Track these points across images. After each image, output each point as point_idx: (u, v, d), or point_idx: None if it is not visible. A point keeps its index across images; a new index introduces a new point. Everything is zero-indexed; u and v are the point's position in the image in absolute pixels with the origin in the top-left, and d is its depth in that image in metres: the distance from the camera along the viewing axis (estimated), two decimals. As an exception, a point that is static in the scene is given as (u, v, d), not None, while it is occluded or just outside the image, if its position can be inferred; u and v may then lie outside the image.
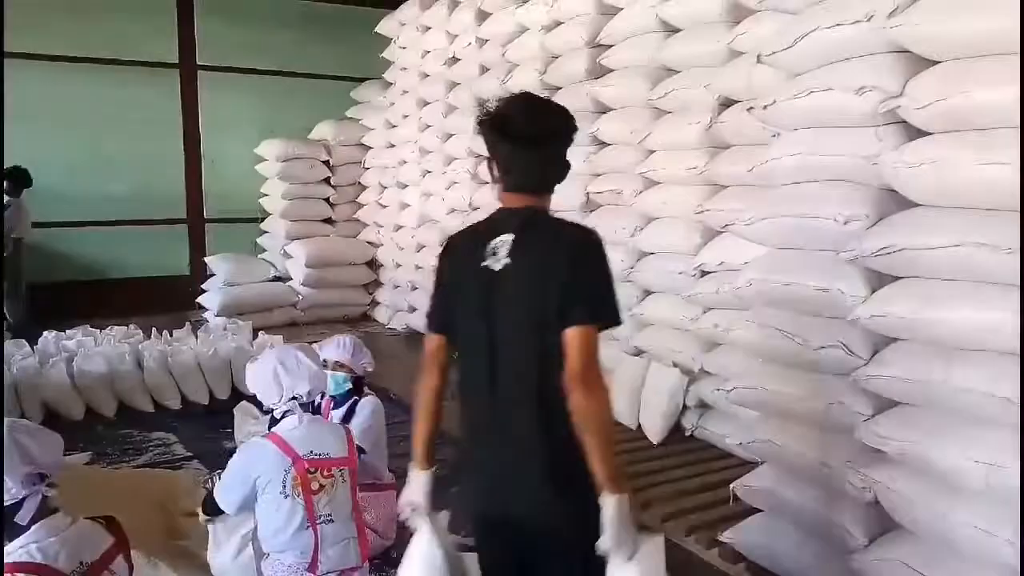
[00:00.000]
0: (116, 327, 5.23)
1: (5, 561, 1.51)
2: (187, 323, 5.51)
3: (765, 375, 2.62)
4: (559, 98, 4.68)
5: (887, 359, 2.23)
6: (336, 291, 7.25)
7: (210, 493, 2.34)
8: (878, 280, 2.31)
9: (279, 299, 6.96)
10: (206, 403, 4.73)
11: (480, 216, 1.87)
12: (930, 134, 2.21)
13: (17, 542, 1.53)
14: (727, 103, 3.59)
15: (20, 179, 5.75)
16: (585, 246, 1.68)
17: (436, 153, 6.19)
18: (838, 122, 2.44)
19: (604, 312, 1.64)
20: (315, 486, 2.20)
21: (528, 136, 1.65)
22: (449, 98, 5.92)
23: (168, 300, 7.08)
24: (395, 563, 2.84)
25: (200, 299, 6.93)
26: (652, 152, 3.95)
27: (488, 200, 5.36)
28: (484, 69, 5.55)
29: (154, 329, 5.17)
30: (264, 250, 7.59)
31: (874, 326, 2.25)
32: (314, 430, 2.29)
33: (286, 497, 2.17)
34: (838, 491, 2.41)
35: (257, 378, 2.31)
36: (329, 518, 2.21)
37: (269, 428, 2.32)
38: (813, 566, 2.46)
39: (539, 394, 1.63)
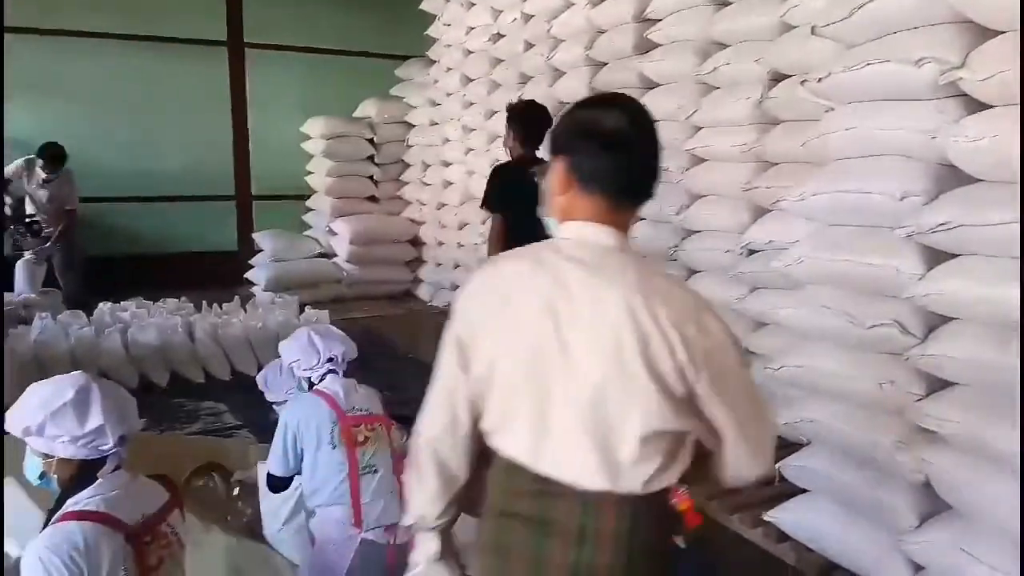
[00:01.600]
0: (168, 299, 5.38)
1: (75, 509, 1.58)
2: (236, 297, 5.63)
3: (814, 354, 2.58)
4: (604, 74, 4.64)
5: (943, 338, 2.18)
6: (380, 268, 7.32)
7: (269, 476, 2.41)
8: (934, 257, 2.26)
9: (324, 275, 7.06)
10: (254, 374, 4.83)
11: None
12: (992, 107, 2.13)
13: (84, 493, 1.61)
14: (778, 78, 3.50)
15: (54, 156, 5.90)
16: None
17: (479, 131, 6.17)
18: (895, 95, 2.37)
19: None
20: (360, 438, 2.31)
21: None
22: (493, 75, 5.89)
23: (217, 274, 7.23)
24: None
25: (248, 274, 7.07)
26: (699, 128, 3.89)
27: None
28: (529, 45, 5.51)
29: (204, 302, 5.30)
30: (309, 227, 7.70)
31: (930, 304, 2.20)
32: (353, 390, 2.42)
33: (334, 448, 2.26)
34: (887, 472, 2.37)
35: (294, 347, 2.46)
36: (374, 468, 2.30)
37: (309, 389, 2.41)
38: (859, 547, 2.44)
39: None
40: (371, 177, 7.64)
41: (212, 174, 7.83)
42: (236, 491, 2.87)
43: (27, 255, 5.80)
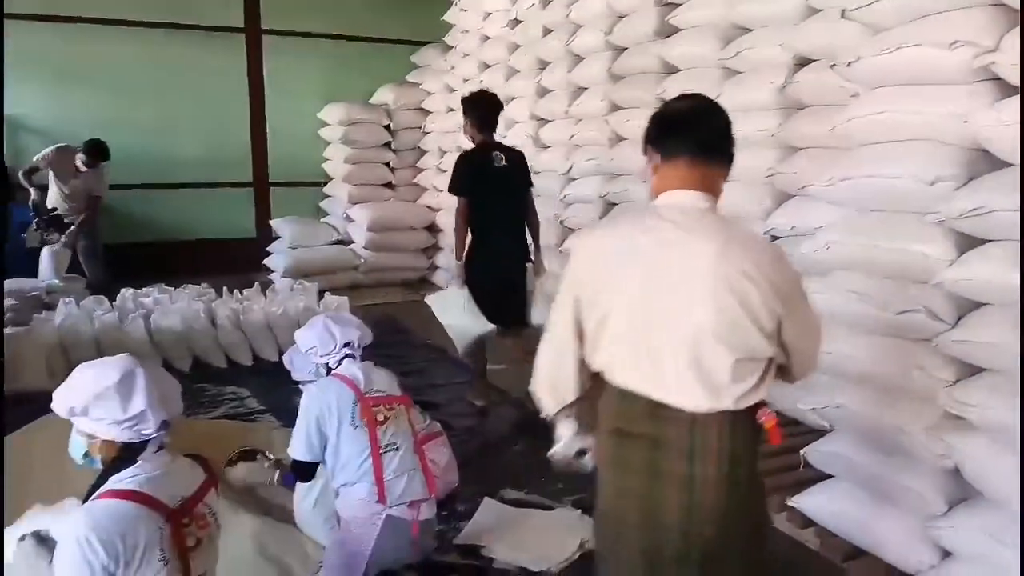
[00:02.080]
0: (190, 285, 5.42)
1: (115, 487, 1.60)
2: (256, 283, 5.66)
3: (841, 340, 2.57)
4: (624, 59, 4.62)
5: (973, 324, 2.17)
6: (396, 255, 7.35)
7: (295, 463, 2.42)
8: (964, 243, 2.25)
9: (342, 262, 7.08)
10: (276, 360, 4.88)
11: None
12: (1026, 91, 2.11)
13: (125, 472, 1.63)
14: (802, 62, 3.48)
15: (95, 151, 5.95)
16: None
17: (497, 117, 6.16)
18: (927, 79, 2.36)
19: None
20: (380, 417, 2.34)
21: None
22: (511, 61, 5.87)
23: (235, 261, 7.27)
24: (462, 516, 2.94)
25: (266, 261, 7.10)
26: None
27: (548, 164, 5.35)
28: (547, 31, 5.49)
29: (225, 288, 5.34)
30: (327, 214, 7.73)
31: (960, 290, 2.19)
32: (371, 372, 2.45)
33: (355, 427, 2.29)
34: (914, 457, 2.37)
35: (310, 334, 2.49)
36: (395, 447, 2.32)
37: (327, 374, 2.45)
38: (885, 532, 2.44)
39: None
40: (388, 164, 7.65)
41: (230, 161, 7.85)
42: (277, 474, 2.91)
43: (51, 243, 5.85)
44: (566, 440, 1.80)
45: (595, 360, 1.60)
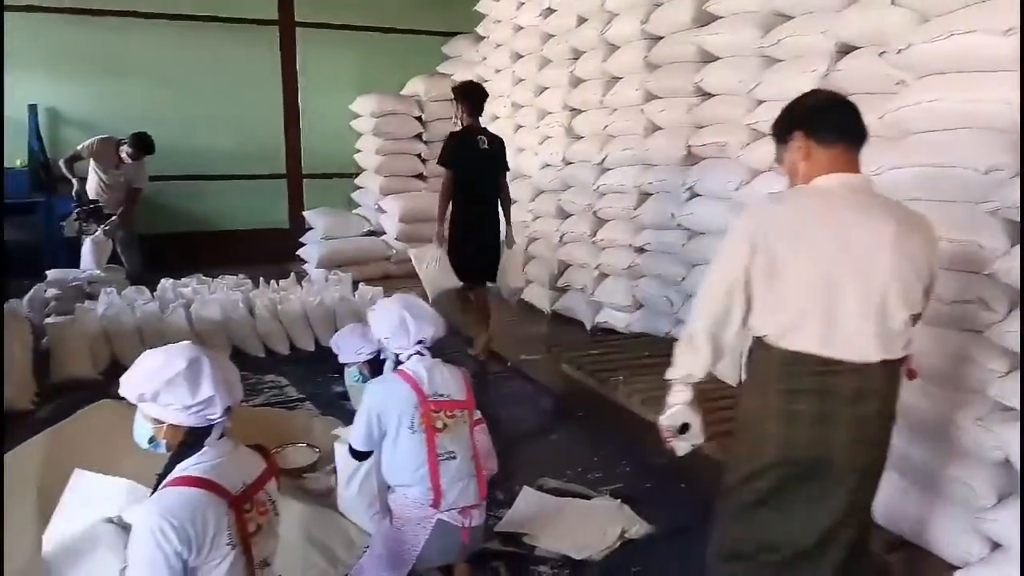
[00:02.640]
0: (227, 276, 5.49)
1: (183, 475, 1.64)
2: (292, 273, 5.73)
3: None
4: (661, 48, 4.59)
5: (1027, 314, 2.14)
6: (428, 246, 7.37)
7: (352, 450, 2.45)
8: (1018, 233, 2.21)
9: (374, 253, 7.13)
10: (312, 349, 4.95)
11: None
12: (1086, 76, 2.07)
13: (191, 460, 1.67)
14: (845, 50, 3.44)
15: (142, 144, 6.06)
16: None
17: (529, 107, 6.15)
18: (981, 66, 2.31)
19: None
20: (439, 425, 2.29)
21: None
22: (544, 51, 5.85)
23: (269, 252, 7.36)
24: (501, 504, 2.96)
25: (299, 252, 7.18)
26: (761, 102, 3.83)
27: (581, 154, 5.33)
28: (581, 20, 5.45)
29: (261, 278, 5.41)
30: (358, 205, 7.78)
31: (1013, 280, 2.16)
32: (438, 371, 2.38)
33: (413, 433, 2.27)
34: (964, 449, 2.34)
35: (385, 324, 2.42)
36: (452, 455, 2.30)
37: (394, 368, 2.42)
38: (933, 523, 2.42)
39: None
40: (419, 155, 7.67)
41: (264, 153, 7.94)
42: (317, 460, 2.98)
43: (97, 234, 5.95)
44: (676, 410, 1.96)
45: (762, 326, 1.80)
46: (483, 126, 4.77)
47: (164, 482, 1.65)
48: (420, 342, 2.40)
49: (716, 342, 1.85)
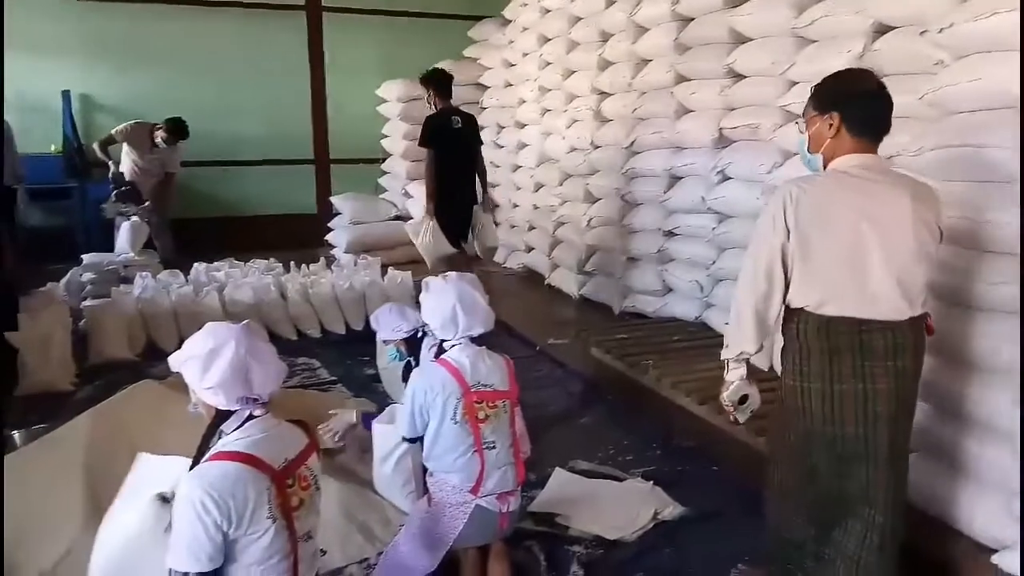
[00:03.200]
0: (258, 260, 5.57)
1: (225, 450, 1.67)
2: (322, 258, 5.79)
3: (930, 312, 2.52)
4: (692, 29, 4.55)
5: (1068, 297, 2.11)
6: (454, 230, 7.39)
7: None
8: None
9: (401, 238, 7.12)
10: (343, 332, 5.01)
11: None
12: None
13: (233, 436, 1.70)
14: (881, 30, 3.39)
15: (177, 129, 6.16)
16: None
17: (556, 91, 6.13)
18: (1025, 44, 2.27)
19: None
20: (481, 415, 2.30)
21: None
22: (572, 33, 5.81)
23: (296, 237, 7.43)
24: (534, 485, 2.99)
25: (328, 237, 7.23)
26: (794, 84, 3.79)
27: (610, 138, 5.31)
28: (610, 2, 5.40)
29: (292, 263, 5.47)
30: (385, 190, 7.82)
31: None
32: (481, 361, 2.37)
33: (455, 423, 2.28)
34: (1001, 432, 2.32)
35: (435, 313, 2.38)
36: (492, 445, 2.32)
37: (437, 356, 2.43)
38: (967, 506, 2.41)
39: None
40: (445, 139, 7.67)
41: (291, 138, 7.99)
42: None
43: (133, 217, 6.05)
44: (735, 385, 2.15)
45: (801, 298, 1.98)
46: (455, 106, 5.22)
47: (206, 456, 1.69)
48: (467, 335, 2.37)
49: (761, 319, 2.03)
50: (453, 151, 4.99)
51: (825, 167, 2.05)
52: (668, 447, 3.46)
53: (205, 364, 1.68)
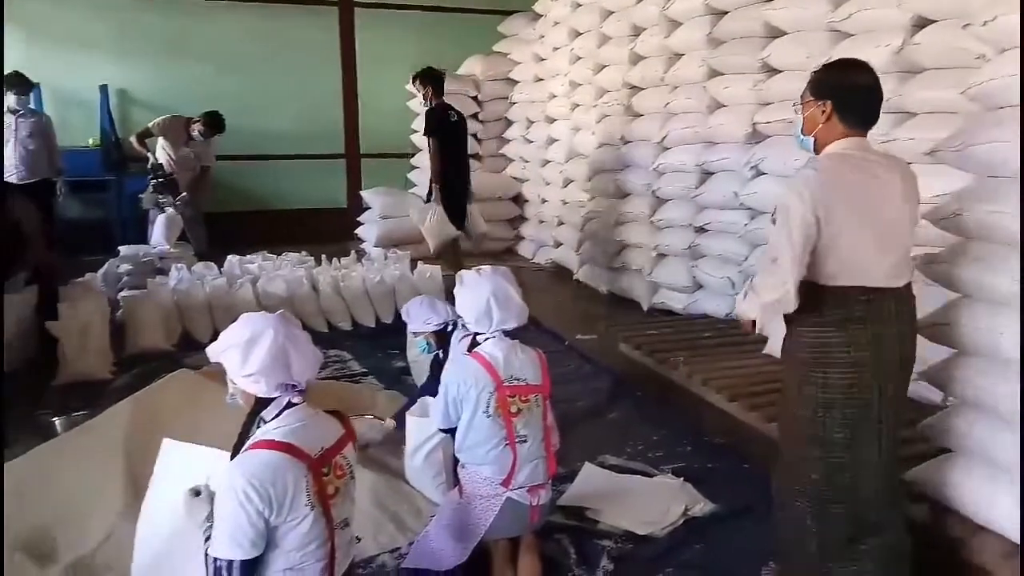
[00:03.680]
0: (290, 253, 5.63)
1: (263, 439, 1.70)
2: (352, 252, 5.85)
3: (965, 311, 2.48)
4: (726, 23, 4.51)
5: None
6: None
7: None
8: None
9: (430, 232, 7.18)
10: (373, 325, 5.05)
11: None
12: None
13: (271, 424, 1.73)
14: (921, 23, 3.34)
15: (214, 123, 6.25)
16: None
17: (587, 86, 6.11)
18: (1073, 37, 2.22)
19: None
20: (514, 409, 2.31)
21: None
22: (603, 28, 5.79)
23: (327, 231, 7.49)
24: (563, 479, 2.99)
25: (357, 231, 7.29)
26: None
27: (641, 132, 5.29)
28: (642, -4, 5.38)
29: (324, 256, 5.53)
30: (414, 185, 7.85)
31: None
32: (514, 355, 2.38)
33: (488, 416, 2.29)
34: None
35: (470, 306, 2.39)
36: (524, 439, 2.33)
37: (470, 349, 2.44)
38: (1008, 509, 2.36)
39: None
40: (475, 135, 7.69)
41: (323, 133, 8.05)
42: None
43: (169, 209, 6.15)
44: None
45: (823, 271, 2.07)
46: (446, 101, 5.67)
47: (246, 445, 1.72)
48: (501, 328, 2.38)
49: (798, 273, 2.07)
50: (453, 142, 5.52)
51: (816, 150, 2.17)
52: (698, 444, 3.44)
53: (245, 352, 1.71)
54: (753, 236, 4.27)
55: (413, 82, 5.72)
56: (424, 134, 5.55)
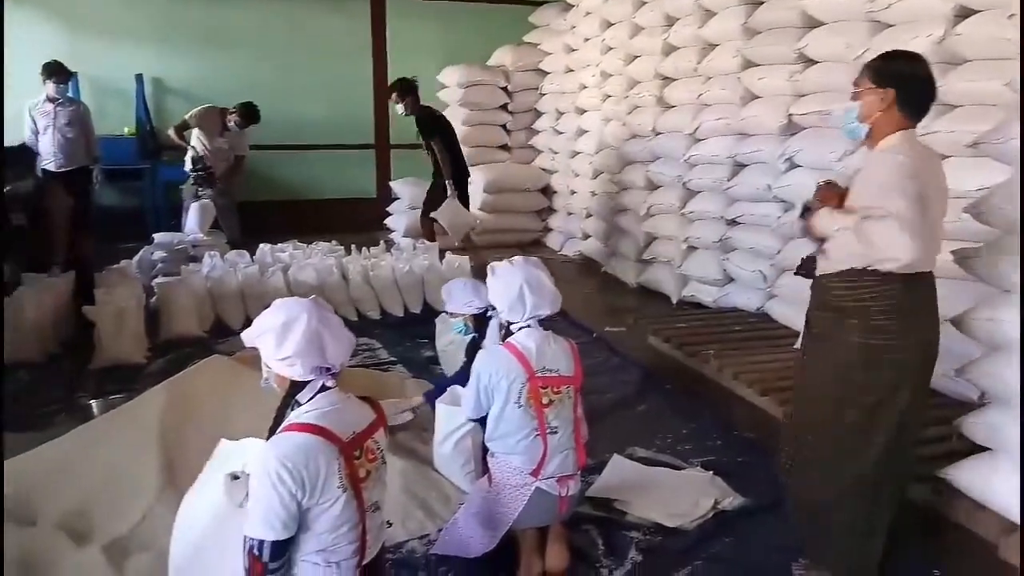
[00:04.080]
0: (320, 242, 5.67)
1: (297, 422, 1.72)
2: (382, 241, 5.88)
3: (1004, 306, 2.43)
4: (761, 13, 4.44)
5: None
6: (511, 216, 7.41)
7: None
8: None
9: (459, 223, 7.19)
10: (401, 315, 5.08)
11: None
12: None
13: (304, 408, 1.75)
14: (962, 13, 3.26)
15: (249, 114, 6.32)
16: None
17: (619, 76, 6.06)
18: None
19: None
20: (545, 400, 2.31)
21: None
22: (636, 18, 5.74)
23: (357, 220, 7.54)
24: (591, 470, 2.98)
25: (386, 221, 7.32)
26: (865, 70, 3.67)
27: (673, 124, 5.23)
28: (676, -14, 5.32)
29: (353, 245, 5.57)
30: (443, 175, 7.85)
31: None
32: (547, 346, 2.37)
33: (519, 406, 2.29)
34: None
35: (503, 294, 2.38)
36: (555, 430, 2.33)
37: (504, 339, 2.44)
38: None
39: None
40: (504, 126, 7.68)
41: (354, 123, 8.09)
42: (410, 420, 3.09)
43: (204, 198, 6.22)
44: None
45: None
46: (425, 105, 6.14)
47: (279, 428, 1.74)
48: (534, 316, 2.37)
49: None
50: (453, 137, 6.16)
51: (869, 139, 2.19)
52: (728, 438, 3.41)
53: (281, 336, 1.73)
54: (786, 229, 4.21)
55: (390, 95, 6.06)
56: (426, 138, 5.93)
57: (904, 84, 2.11)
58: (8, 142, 6.27)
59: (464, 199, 6.10)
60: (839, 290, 2.16)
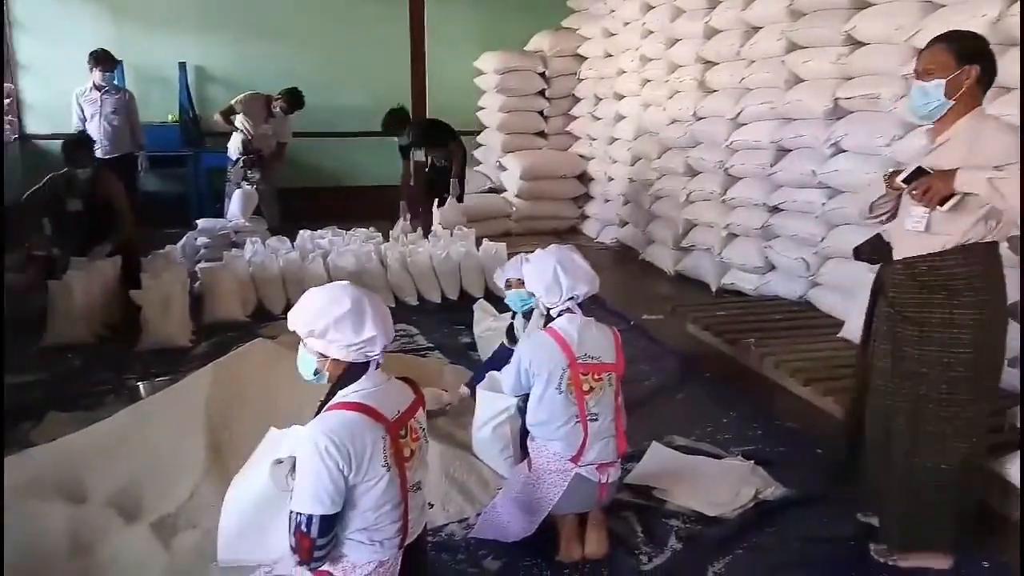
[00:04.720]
0: (359, 229, 5.72)
1: (345, 401, 1.74)
2: (419, 228, 5.90)
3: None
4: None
5: None
6: (547, 204, 7.38)
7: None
8: None
9: (495, 210, 7.20)
10: (438, 301, 5.10)
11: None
12: None
13: (351, 387, 1.78)
14: (1021, -9, 3.15)
15: (294, 100, 6.38)
16: None
17: (658, 61, 5.98)
18: None
19: None
20: (586, 387, 2.31)
21: None
22: (677, 1, 5.65)
23: (394, 207, 7.55)
24: (630, 457, 2.96)
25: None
26: (919, 51, 3.56)
27: (714, 109, 5.15)
28: (718, -32, 5.23)
29: (391, 232, 5.59)
30: (479, 162, 7.85)
31: None
32: (589, 332, 2.37)
33: (560, 392, 2.29)
34: None
35: (538, 277, 2.40)
36: (595, 416, 2.32)
37: (544, 325, 2.44)
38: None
39: None
40: (541, 112, 7.63)
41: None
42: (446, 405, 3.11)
43: (245, 184, 6.31)
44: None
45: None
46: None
47: (327, 407, 1.76)
48: (572, 297, 2.37)
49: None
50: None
51: (947, 117, 2.16)
52: (769, 427, 3.36)
53: (357, 320, 1.74)
54: (831, 216, 4.13)
55: (394, 134, 6.45)
56: (450, 140, 6.27)
57: (985, 62, 2.14)
58: (57, 130, 6.49)
59: (461, 198, 6.37)
60: (951, 267, 2.12)
